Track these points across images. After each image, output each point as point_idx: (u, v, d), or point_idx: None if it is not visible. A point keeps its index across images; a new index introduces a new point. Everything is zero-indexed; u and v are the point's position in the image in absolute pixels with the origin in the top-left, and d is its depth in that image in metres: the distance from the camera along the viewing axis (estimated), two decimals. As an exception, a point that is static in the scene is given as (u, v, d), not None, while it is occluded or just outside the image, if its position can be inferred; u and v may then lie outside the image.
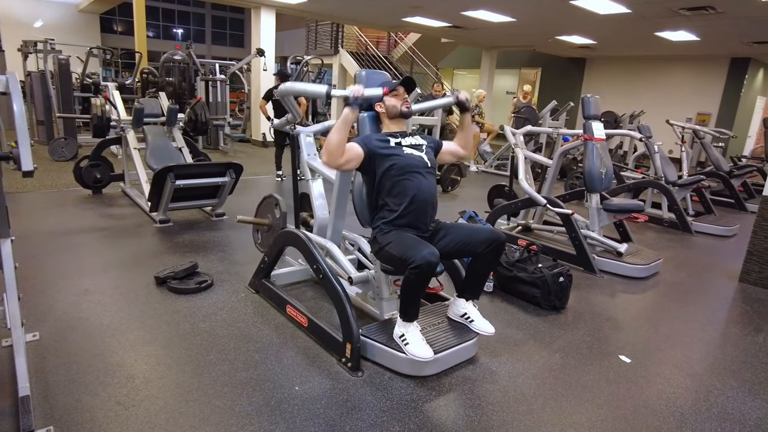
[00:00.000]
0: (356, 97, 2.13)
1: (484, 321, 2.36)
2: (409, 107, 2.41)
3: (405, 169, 2.28)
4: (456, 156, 2.61)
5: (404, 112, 2.40)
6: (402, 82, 2.40)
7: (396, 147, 2.32)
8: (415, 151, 2.35)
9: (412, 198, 2.26)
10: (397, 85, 2.39)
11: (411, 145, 2.37)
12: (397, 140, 2.35)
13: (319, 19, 10.68)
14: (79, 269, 3.18)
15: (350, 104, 2.14)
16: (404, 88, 2.43)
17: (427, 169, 2.34)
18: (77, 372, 2.08)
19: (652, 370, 2.40)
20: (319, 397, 2.02)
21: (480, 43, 12.64)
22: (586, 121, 3.98)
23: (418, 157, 2.34)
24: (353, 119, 2.20)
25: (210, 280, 3.05)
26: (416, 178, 2.29)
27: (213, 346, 2.36)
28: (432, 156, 2.43)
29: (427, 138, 2.51)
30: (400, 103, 2.39)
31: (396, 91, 2.40)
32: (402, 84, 2.40)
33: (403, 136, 2.39)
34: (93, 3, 16.84)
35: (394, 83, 2.41)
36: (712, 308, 3.28)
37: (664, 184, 5.29)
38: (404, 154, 2.31)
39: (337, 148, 2.15)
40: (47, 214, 4.38)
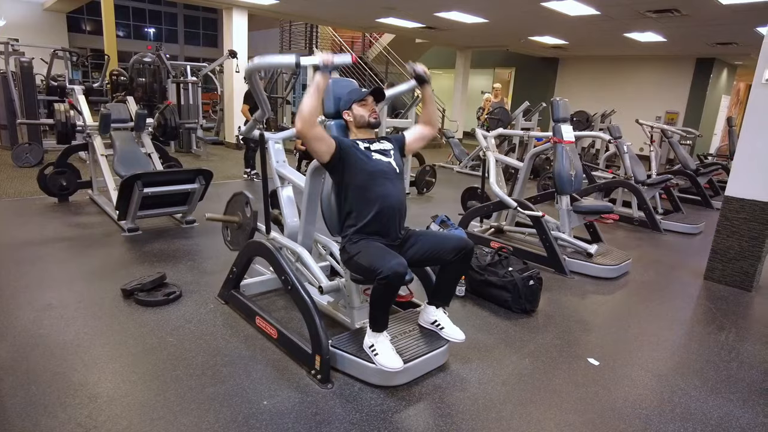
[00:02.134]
0: (326, 63, 2.11)
1: (455, 328, 2.36)
2: (376, 118, 2.40)
3: (373, 174, 2.27)
4: (423, 138, 2.56)
5: (372, 122, 2.38)
6: (371, 92, 2.38)
7: (365, 151, 2.31)
8: (383, 157, 2.34)
9: (380, 205, 2.25)
10: (366, 95, 2.37)
11: (379, 150, 2.36)
12: (366, 145, 2.34)
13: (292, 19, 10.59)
14: (41, 283, 3.08)
15: (321, 70, 2.13)
16: (373, 98, 2.41)
17: (395, 174, 2.34)
18: (36, 393, 2.01)
19: (619, 372, 2.45)
20: (287, 411, 1.99)
21: (454, 43, 12.71)
22: (555, 124, 4.03)
23: (386, 163, 2.33)
24: (325, 85, 2.18)
25: (178, 291, 2.99)
26: (384, 185, 2.28)
27: (180, 360, 2.31)
28: (399, 160, 2.42)
29: (392, 139, 2.49)
30: (368, 113, 2.38)
31: (365, 101, 2.38)
32: (371, 94, 2.39)
33: (371, 143, 2.38)
34: (59, 1, 16.41)
35: (364, 92, 2.39)
36: (679, 307, 3.36)
37: (634, 183, 5.40)
38: (373, 160, 2.30)
39: (310, 114, 2.12)
40: (8, 224, 4.23)
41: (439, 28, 10.15)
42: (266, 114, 2.72)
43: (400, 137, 2.52)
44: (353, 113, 2.38)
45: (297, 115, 2.15)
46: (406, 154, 2.56)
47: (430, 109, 2.52)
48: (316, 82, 2.15)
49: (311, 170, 2.55)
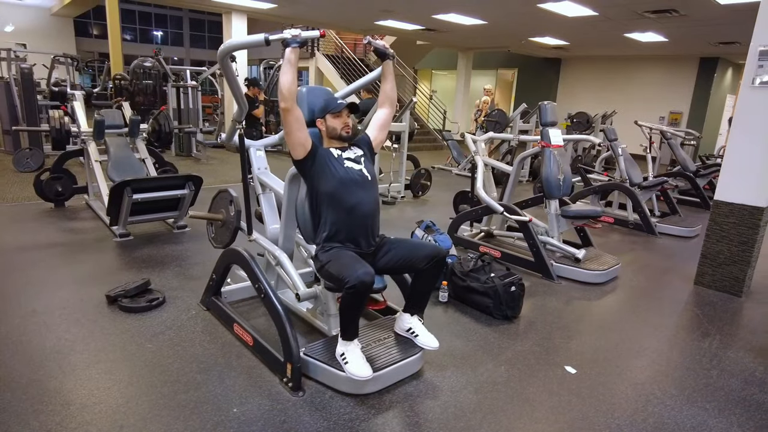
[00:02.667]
0: (294, 36, 2.13)
1: (429, 336, 2.37)
2: (348, 132, 2.40)
3: (344, 182, 2.28)
4: (385, 124, 2.53)
5: (344, 136, 2.38)
6: (347, 106, 2.38)
7: (338, 159, 2.32)
8: (354, 165, 2.35)
9: (352, 213, 2.26)
10: (341, 108, 2.37)
11: (350, 158, 2.37)
12: (338, 153, 2.35)
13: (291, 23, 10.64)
14: (29, 289, 3.13)
15: (289, 44, 2.14)
16: (348, 111, 2.41)
17: (367, 182, 2.35)
18: (10, 400, 2.05)
19: (595, 380, 2.43)
20: (256, 418, 2.01)
21: (455, 44, 12.70)
22: (543, 128, 4.02)
23: (358, 171, 2.34)
24: (296, 59, 2.17)
25: (162, 297, 3.02)
26: (356, 193, 2.29)
27: (156, 367, 2.34)
28: (371, 166, 2.43)
29: (360, 142, 2.48)
30: (341, 126, 2.38)
31: (339, 114, 2.39)
32: (347, 108, 2.39)
33: (343, 150, 2.39)
34: (66, 6, 16.58)
35: (340, 105, 2.38)
36: (665, 313, 3.33)
37: (628, 186, 5.36)
38: (344, 167, 2.31)
39: (289, 88, 2.13)
40: (4, 230, 4.29)
41: (439, 30, 10.15)
42: (243, 112, 2.71)
43: (365, 137, 2.51)
44: (326, 123, 2.39)
45: (279, 94, 2.16)
46: (376, 149, 2.55)
47: (388, 85, 2.52)
48: (287, 55, 2.16)
49: (289, 176, 2.57)
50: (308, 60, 13.55)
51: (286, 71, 2.15)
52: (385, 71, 2.51)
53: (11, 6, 17.09)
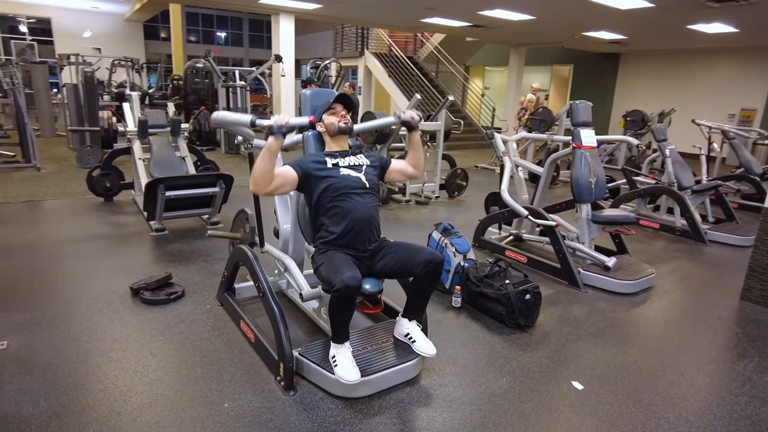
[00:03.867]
0: (280, 126, 2.12)
1: (426, 342, 2.33)
2: (347, 123, 2.40)
3: (341, 190, 2.27)
4: (405, 175, 2.58)
5: (342, 128, 2.39)
6: (336, 99, 2.39)
7: (332, 168, 2.32)
8: (352, 172, 2.34)
9: (348, 219, 2.26)
10: (332, 103, 2.38)
11: (349, 165, 2.36)
12: (335, 161, 2.35)
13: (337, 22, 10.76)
14: (68, 278, 3.37)
15: (274, 133, 2.12)
16: (342, 105, 2.41)
17: (364, 189, 2.33)
18: (29, 381, 2.21)
19: (603, 399, 2.29)
20: (244, 415, 2.05)
21: (505, 40, 12.36)
22: (574, 128, 3.83)
23: (356, 178, 2.33)
24: (278, 148, 2.16)
25: (181, 291, 3.15)
26: (352, 199, 2.28)
27: (162, 359, 2.45)
28: (373, 176, 2.41)
29: (371, 156, 2.49)
30: (337, 119, 2.39)
31: (333, 109, 2.40)
32: (338, 101, 2.40)
33: (344, 156, 2.39)
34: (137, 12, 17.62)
35: (329, 101, 2.40)
36: (699, 329, 3.08)
37: (676, 190, 5.00)
38: (340, 176, 2.30)
39: (262, 178, 2.14)
40: (60, 221, 4.66)
41: (487, 26, 9.91)
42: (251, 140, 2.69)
43: (385, 161, 2.53)
44: (324, 123, 2.40)
45: (251, 177, 2.16)
46: (384, 180, 2.55)
47: (416, 155, 2.52)
48: (269, 144, 2.12)
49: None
50: (357, 59, 13.66)
51: (264, 159, 2.11)
52: (412, 141, 2.50)
53: (89, 13, 18.43)
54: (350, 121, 2.43)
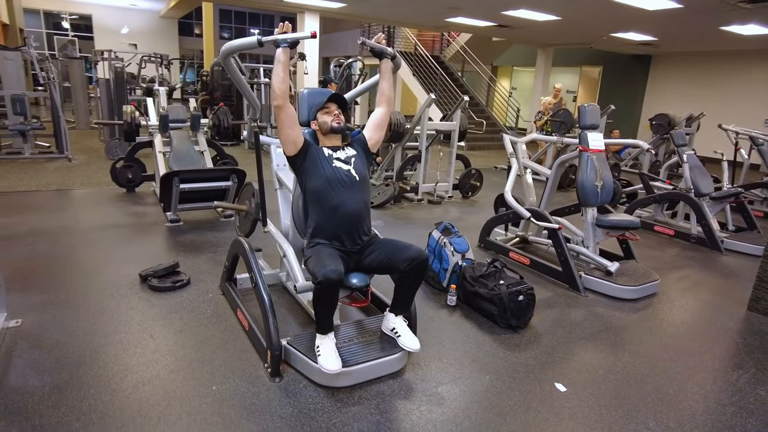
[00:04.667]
0: (284, 38, 2.21)
1: (411, 337, 2.38)
2: (339, 123, 2.48)
3: (330, 182, 2.35)
4: (381, 125, 2.59)
5: (334, 127, 2.47)
6: (331, 98, 2.46)
7: (327, 158, 2.40)
8: (343, 165, 2.41)
9: (336, 212, 2.33)
10: (325, 101, 2.46)
11: (341, 158, 2.44)
12: (329, 152, 2.43)
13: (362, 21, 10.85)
14: (85, 263, 3.56)
15: (280, 44, 2.22)
16: (336, 105, 2.49)
17: (354, 183, 2.40)
18: (37, 358, 2.37)
19: (584, 401, 2.30)
20: (229, 398, 2.16)
21: (532, 41, 12.22)
22: (581, 131, 3.80)
23: (345, 171, 2.40)
24: (287, 58, 2.26)
25: (187, 279, 3.30)
26: (342, 193, 2.35)
27: (161, 342, 2.58)
28: (362, 167, 2.48)
29: (355, 142, 2.56)
30: (331, 119, 2.46)
31: (327, 108, 2.47)
32: (332, 101, 2.47)
33: (336, 150, 2.47)
34: (172, 9, 18.17)
35: (323, 99, 2.48)
36: (697, 337, 3.03)
37: (692, 196, 4.89)
38: (332, 167, 2.38)
39: (281, 88, 2.23)
40: (84, 210, 4.90)
41: (512, 26, 9.83)
42: (257, 110, 2.85)
43: (361, 137, 2.57)
44: (318, 122, 2.48)
45: (271, 92, 2.28)
46: (372, 149, 2.59)
47: (385, 84, 2.55)
48: (278, 56, 2.24)
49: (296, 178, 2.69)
50: (383, 57, 13.72)
51: (277, 71, 2.25)
52: (383, 69, 2.54)
53: (127, 10, 19.10)
54: (342, 121, 2.50)
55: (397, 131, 5.83)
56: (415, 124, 5.88)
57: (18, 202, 5.03)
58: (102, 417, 1.99)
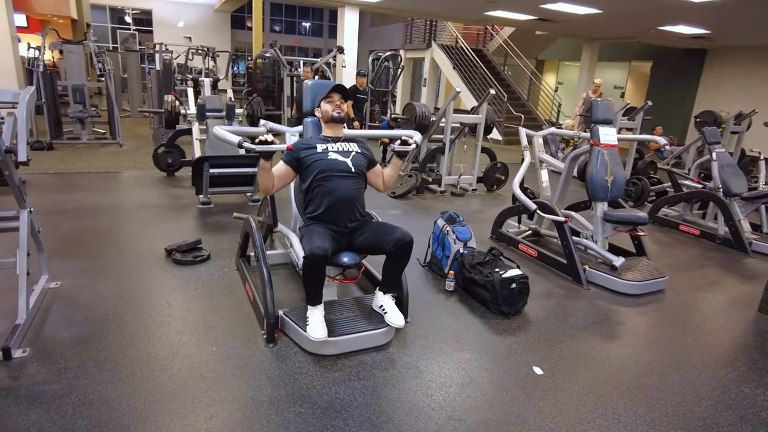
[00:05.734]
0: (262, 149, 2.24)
1: (397, 314, 2.55)
2: (339, 113, 2.65)
3: (326, 171, 2.54)
4: (376, 184, 2.81)
5: (335, 117, 2.64)
6: (334, 88, 2.64)
7: (322, 153, 2.59)
8: (340, 156, 2.59)
9: (330, 197, 2.52)
10: (329, 91, 2.63)
11: (338, 150, 2.62)
12: (325, 146, 2.61)
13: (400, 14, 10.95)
14: (120, 238, 3.95)
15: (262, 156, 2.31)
16: (339, 94, 2.66)
17: (349, 173, 2.58)
18: (69, 314, 2.72)
19: (559, 386, 2.38)
20: (226, 357, 2.40)
21: (576, 34, 11.92)
22: (593, 125, 3.81)
23: (342, 162, 2.58)
24: (269, 167, 2.41)
25: (207, 255, 3.60)
26: (336, 180, 2.54)
27: (174, 309, 2.86)
28: (360, 162, 2.65)
29: (363, 147, 2.73)
30: (332, 108, 2.64)
31: (330, 98, 2.65)
32: (335, 91, 2.65)
33: (335, 141, 2.65)
34: (225, 3, 18.93)
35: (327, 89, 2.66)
36: (694, 334, 3.01)
37: (721, 195, 4.74)
38: (328, 159, 2.57)
39: (264, 187, 2.49)
40: (126, 191, 5.36)
41: (553, 20, 9.65)
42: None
43: (373, 159, 2.79)
44: (321, 110, 2.67)
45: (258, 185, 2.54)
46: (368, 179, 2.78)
47: (392, 175, 2.78)
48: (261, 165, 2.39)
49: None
50: (424, 51, 13.79)
51: (259, 176, 2.46)
52: (394, 164, 2.75)
53: (183, 5, 20.04)
54: (343, 110, 2.67)
55: (422, 123, 5.95)
56: (441, 116, 5.98)
57: (72, 181, 5.55)
58: (115, 366, 2.28)
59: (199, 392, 2.13)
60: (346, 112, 2.70)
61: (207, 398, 2.10)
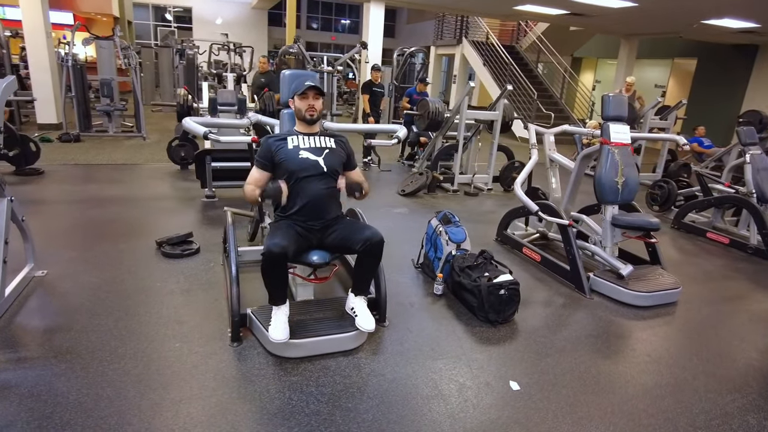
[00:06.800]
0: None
1: (367, 318, 2.42)
2: (312, 115, 2.50)
3: (296, 173, 2.42)
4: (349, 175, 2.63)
5: (306, 118, 2.50)
6: (310, 87, 2.48)
7: (292, 150, 2.46)
8: (311, 155, 2.46)
9: (300, 199, 2.41)
10: (305, 89, 2.48)
11: (309, 147, 2.49)
12: (297, 142, 2.48)
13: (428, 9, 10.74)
14: (118, 229, 3.98)
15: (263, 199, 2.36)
16: (315, 92, 2.52)
17: (320, 173, 2.45)
18: (47, 303, 2.73)
19: (534, 404, 2.18)
20: (185, 355, 2.33)
21: (612, 30, 11.37)
22: (604, 122, 3.54)
23: (313, 162, 2.45)
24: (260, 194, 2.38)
25: (196, 248, 3.56)
26: (306, 181, 2.42)
27: (152, 302, 2.82)
28: (334, 161, 2.51)
29: (340, 143, 2.58)
30: (305, 108, 2.50)
31: (305, 95, 2.51)
32: (311, 89, 2.50)
33: (308, 137, 2.51)
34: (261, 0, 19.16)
35: (305, 86, 2.50)
36: (701, 354, 2.72)
37: (754, 201, 4.35)
38: (298, 158, 2.44)
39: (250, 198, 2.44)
40: (139, 182, 5.44)
41: (587, 14, 9.22)
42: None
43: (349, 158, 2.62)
44: (295, 104, 2.54)
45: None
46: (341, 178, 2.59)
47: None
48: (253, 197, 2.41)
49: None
50: (455, 47, 13.51)
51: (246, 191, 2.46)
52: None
53: (222, 2, 20.48)
54: (317, 112, 2.51)
55: (435, 120, 5.77)
56: (455, 113, 5.78)
57: (89, 173, 5.69)
58: (74, 357, 2.25)
59: (148, 390, 2.07)
60: (319, 111, 2.54)
61: (156, 397, 2.03)
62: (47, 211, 4.35)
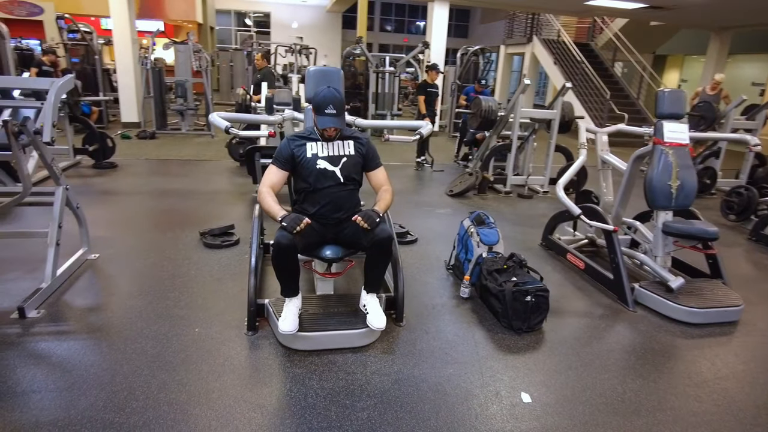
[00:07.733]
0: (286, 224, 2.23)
1: (378, 316, 2.39)
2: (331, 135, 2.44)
3: (315, 184, 2.42)
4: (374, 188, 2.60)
5: (324, 136, 2.46)
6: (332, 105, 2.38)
7: (311, 158, 2.43)
8: (329, 165, 2.44)
9: (318, 205, 2.43)
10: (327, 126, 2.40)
11: (328, 156, 2.45)
12: (315, 150, 2.45)
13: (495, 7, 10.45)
14: (170, 220, 4.24)
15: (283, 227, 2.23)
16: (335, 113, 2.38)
17: (339, 183, 2.44)
18: (95, 282, 2.98)
19: (545, 418, 2.04)
20: (203, 339, 2.43)
21: (699, 23, 10.43)
22: (658, 120, 3.25)
23: (330, 172, 2.43)
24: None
25: (235, 240, 3.71)
26: (324, 190, 2.42)
27: (185, 288, 2.98)
28: (352, 168, 2.48)
29: (360, 147, 2.52)
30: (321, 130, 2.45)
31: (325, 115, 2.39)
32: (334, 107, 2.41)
33: (328, 141, 2.48)
34: (336, 3, 19.66)
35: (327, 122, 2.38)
36: (756, 383, 2.41)
37: None
38: (315, 170, 2.42)
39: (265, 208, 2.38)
40: (199, 177, 5.77)
41: (666, 7, 8.53)
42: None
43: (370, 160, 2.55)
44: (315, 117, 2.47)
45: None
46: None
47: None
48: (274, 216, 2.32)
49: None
50: (524, 45, 13.05)
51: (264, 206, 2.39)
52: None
53: (298, 6, 21.22)
54: (333, 135, 2.45)
55: (487, 118, 5.60)
56: (509, 111, 5.57)
57: (156, 167, 6.13)
58: (103, 335, 2.43)
59: (160, 371, 2.17)
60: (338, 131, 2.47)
61: (165, 377, 2.14)
62: (112, 201, 4.74)
